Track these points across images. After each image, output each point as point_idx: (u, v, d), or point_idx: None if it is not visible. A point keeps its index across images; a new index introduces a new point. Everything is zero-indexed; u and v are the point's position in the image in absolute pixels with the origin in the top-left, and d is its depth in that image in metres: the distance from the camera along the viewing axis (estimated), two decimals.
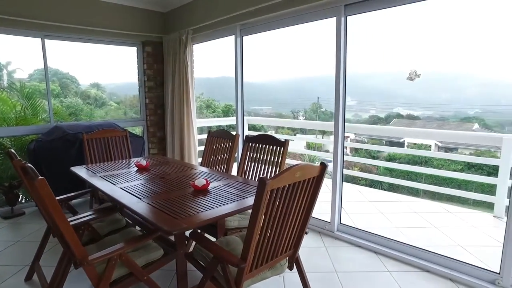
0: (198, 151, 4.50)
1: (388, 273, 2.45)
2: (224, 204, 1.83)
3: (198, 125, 4.80)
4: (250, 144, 2.78)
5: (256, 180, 2.62)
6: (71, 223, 1.53)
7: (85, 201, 3.88)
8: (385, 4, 2.55)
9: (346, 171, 3.12)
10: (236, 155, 3.68)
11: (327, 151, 14.96)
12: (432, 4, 2.31)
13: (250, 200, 1.90)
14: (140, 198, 1.93)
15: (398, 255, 2.67)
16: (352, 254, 2.76)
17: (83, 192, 2.76)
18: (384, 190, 6.88)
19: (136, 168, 2.72)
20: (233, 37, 3.69)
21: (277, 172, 2.52)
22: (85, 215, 2.11)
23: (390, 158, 12.52)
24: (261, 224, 1.47)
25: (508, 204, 3.52)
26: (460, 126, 17.91)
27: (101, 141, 3.30)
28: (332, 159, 3.04)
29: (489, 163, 4.80)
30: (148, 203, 1.85)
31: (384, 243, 2.82)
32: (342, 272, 2.46)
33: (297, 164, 1.48)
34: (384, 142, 13.47)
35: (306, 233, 1.86)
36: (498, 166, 3.73)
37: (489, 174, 9.06)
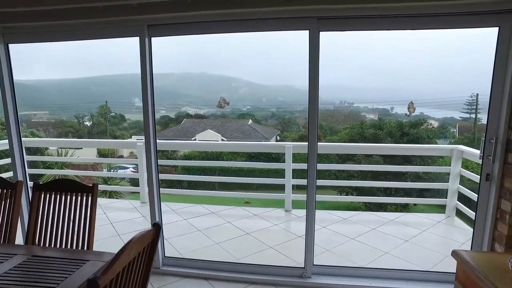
0: None
1: None
2: None
3: None
4: (43, 194, 2.10)
5: (57, 246, 2.03)
6: None
7: None
8: (184, 31, 2.64)
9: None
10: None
11: (121, 156, 14.07)
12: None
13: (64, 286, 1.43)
14: None
15: (226, 275, 2.75)
16: None
17: None
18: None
19: None
20: None
21: (87, 228, 2.03)
22: None
23: (186, 157, 13.12)
24: None
25: (293, 199, 4.36)
26: (238, 122, 20.80)
27: None
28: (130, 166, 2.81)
29: (277, 167, 5.65)
30: None
31: (211, 267, 2.85)
32: None
33: (130, 241, 1.24)
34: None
35: None
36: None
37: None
